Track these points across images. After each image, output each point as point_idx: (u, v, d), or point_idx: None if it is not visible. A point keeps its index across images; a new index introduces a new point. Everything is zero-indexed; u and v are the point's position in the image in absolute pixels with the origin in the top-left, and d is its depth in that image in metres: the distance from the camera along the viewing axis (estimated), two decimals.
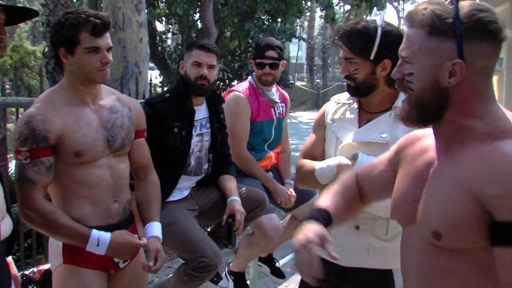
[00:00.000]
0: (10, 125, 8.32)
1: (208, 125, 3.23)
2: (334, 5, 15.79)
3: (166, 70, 11.47)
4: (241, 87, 3.63)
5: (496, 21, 1.28)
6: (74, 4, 11.95)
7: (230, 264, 3.78)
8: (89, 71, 2.25)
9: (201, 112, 3.20)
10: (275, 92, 3.75)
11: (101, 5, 13.75)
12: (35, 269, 2.50)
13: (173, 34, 12.16)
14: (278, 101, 3.74)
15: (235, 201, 3.09)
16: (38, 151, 2.17)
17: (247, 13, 11.18)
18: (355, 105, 2.33)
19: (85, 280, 2.31)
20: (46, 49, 12.28)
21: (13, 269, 2.16)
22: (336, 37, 2.25)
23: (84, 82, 2.30)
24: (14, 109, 4.31)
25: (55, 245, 2.36)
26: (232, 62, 12.32)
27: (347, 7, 23.64)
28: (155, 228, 2.51)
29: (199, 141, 3.18)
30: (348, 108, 2.35)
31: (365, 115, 2.28)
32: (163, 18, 11.97)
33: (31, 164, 2.16)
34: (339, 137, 2.31)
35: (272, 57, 3.57)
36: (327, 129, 2.39)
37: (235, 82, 11.63)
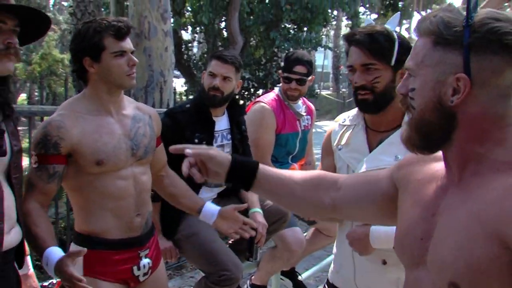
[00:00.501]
0: None
1: (229, 136, 3.20)
2: (360, 14, 15.71)
3: (192, 79, 11.52)
4: (267, 98, 3.60)
5: None
6: (101, 13, 12.11)
7: (252, 277, 3.73)
8: (117, 76, 2.24)
9: (222, 123, 3.18)
10: (301, 104, 3.71)
11: (127, 14, 13.97)
12: (54, 281, 2.48)
13: (199, 42, 12.21)
14: (304, 114, 3.70)
15: (257, 213, 3.05)
16: (46, 157, 2.16)
17: (272, 22, 11.17)
18: (361, 126, 2.10)
19: None
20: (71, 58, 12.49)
21: (34, 282, 2.15)
22: (353, 41, 1.97)
23: (110, 90, 2.28)
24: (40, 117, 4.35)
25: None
26: (257, 71, 12.31)
27: (374, 16, 23.55)
28: (214, 205, 2.63)
29: None
30: (354, 130, 2.12)
31: (374, 136, 2.05)
32: (189, 26, 12.02)
33: (37, 169, 2.17)
34: (350, 164, 2.09)
35: (300, 73, 3.51)
36: (336, 156, 2.17)
37: (260, 91, 11.63)
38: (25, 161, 2.18)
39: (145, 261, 2.38)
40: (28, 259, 2.10)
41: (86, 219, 2.29)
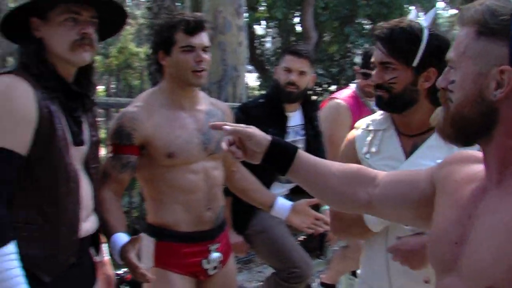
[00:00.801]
0: None
1: (303, 132, 3.17)
2: (439, 9, 15.26)
3: (264, 74, 11.57)
4: (342, 95, 3.52)
5: None
6: (177, 8, 12.35)
7: (322, 276, 3.70)
8: (183, 72, 2.25)
9: (295, 118, 3.16)
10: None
11: (202, 8, 14.17)
12: (127, 269, 2.55)
13: (273, 37, 12.24)
14: (377, 110, 3.59)
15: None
16: (120, 147, 2.22)
17: (347, 17, 11.03)
18: (392, 131, 1.90)
19: (174, 285, 2.32)
20: (150, 51, 12.81)
21: (109, 269, 2.20)
22: (374, 36, 1.84)
23: (181, 85, 2.30)
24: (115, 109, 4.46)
25: (147, 248, 2.37)
26: (331, 66, 12.19)
27: (452, 11, 22.79)
28: (286, 200, 2.61)
29: None
30: (384, 136, 1.91)
31: (407, 141, 1.86)
32: (262, 21, 12.07)
33: (112, 158, 2.23)
34: None
35: None
36: (365, 165, 1.87)
37: (333, 87, 11.51)
38: (102, 152, 2.22)
39: (215, 255, 2.38)
40: (104, 246, 2.15)
41: (157, 211, 2.33)
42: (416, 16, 1.83)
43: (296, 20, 12.36)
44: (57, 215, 1.76)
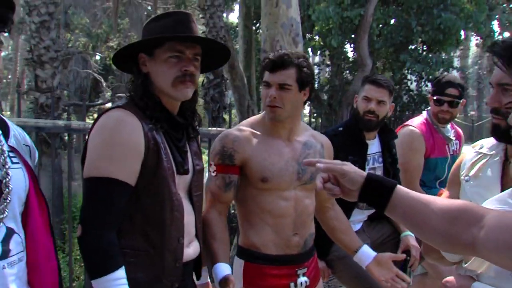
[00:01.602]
0: None
1: (381, 159, 3.22)
2: (495, 32, 15.03)
3: (318, 101, 11.63)
4: (415, 122, 3.58)
5: None
6: (231, 37, 12.60)
7: None
8: (263, 105, 2.37)
9: (374, 146, 3.22)
10: (450, 129, 3.65)
11: (254, 38, 14.39)
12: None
13: (327, 66, 12.31)
14: (453, 138, 3.63)
15: (410, 236, 3.04)
16: (223, 167, 2.33)
17: (402, 43, 11.01)
18: (498, 158, 1.72)
19: None
20: (205, 81, 13.10)
21: None
22: (493, 52, 1.56)
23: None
24: None
25: (238, 268, 2.46)
26: None
27: (507, 34, 22.39)
28: (370, 249, 2.58)
29: None
30: (489, 162, 1.75)
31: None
32: (318, 50, 12.15)
33: (215, 178, 2.35)
34: (473, 201, 1.60)
35: (452, 95, 3.46)
36: (462, 188, 1.84)
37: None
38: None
39: (303, 279, 2.44)
40: (205, 270, 2.24)
41: (247, 232, 2.42)
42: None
43: (348, 47, 12.41)
44: (162, 242, 1.85)
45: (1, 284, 1.54)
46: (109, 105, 17.02)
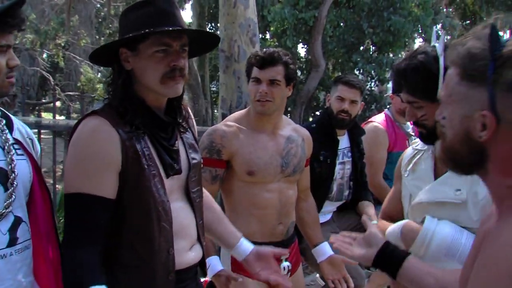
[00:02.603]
0: None
1: (350, 154, 3.43)
2: (440, 36, 15.56)
3: None
4: (378, 119, 3.82)
5: None
6: None
7: None
8: (251, 99, 2.50)
9: (344, 141, 3.42)
10: (409, 125, 3.89)
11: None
12: (201, 279, 2.74)
13: None
14: (413, 134, 3.87)
15: (375, 225, 3.24)
16: (210, 161, 2.45)
17: (354, 45, 11.33)
18: (430, 153, 1.90)
19: None
20: None
21: None
22: (396, 73, 1.84)
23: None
24: None
25: (225, 255, 2.61)
26: None
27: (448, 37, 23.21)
28: (330, 248, 2.72)
29: (341, 169, 3.38)
30: (423, 156, 1.93)
31: (443, 166, 1.83)
32: None
33: (203, 170, 2.38)
34: (412, 194, 1.91)
35: None
36: (402, 183, 2.01)
37: None
38: None
39: (285, 264, 2.60)
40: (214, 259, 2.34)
41: (235, 222, 2.52)
42: (436, 38, 1.82)
43: (300, 47, 12.64)
44: (151, 255, 1.72)
45: (9, 271, 1.56)
46: (57, 103, 16.71)
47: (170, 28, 1.67)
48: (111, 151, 1.64)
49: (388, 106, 4.00)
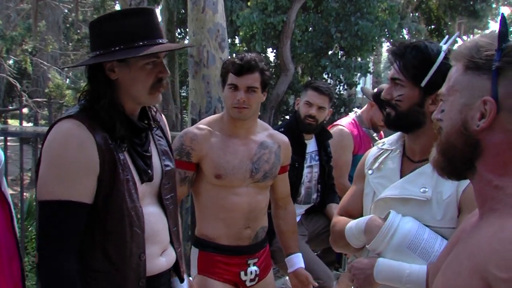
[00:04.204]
0: None
1: (317, 157, 3.48)
2: (406, 40, 15.88)
3: None
4: (344, 122, 3.88)
5: None
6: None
7: None
8: (228, 105, 2.49)
9: (311, 145, 3.47)
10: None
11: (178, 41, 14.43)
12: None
13: None
14: (377, 139, 3.94)
15: None
16: (180, 163, 2.45)
17: (322, 49, 11.44)
18: (398, 152, 1.93)
19: None
20: None
21: None
22: (389, 51, 1.85)
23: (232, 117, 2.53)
24: None
25: (193, 256, 2.62)
26: None
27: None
28: (301, 259, 2.79)
29: (309, 172, 3.43)
30: (390, 156, 1.94)
31: (409, 165, 1.88)
32: None
33: None
34: (376, 191, 1.92)
35: None
36: (366, 181, 2.00)
37: None
38: None
39: (253, 268, 2.61)
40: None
41: (202, 223, 2.59)
42: (446, 41, 1.82)
43: (269, 51, 12.69)
44: (123, 260, 1.72)
45: None
46: (25, 110, 16.42)
47: (165, 44, 1.73)
48: (89, 154, 1.63)
49: (354, 110, 4.05)
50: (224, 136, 2.54)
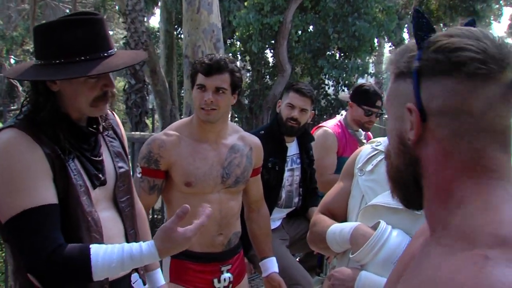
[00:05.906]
0: None
1: (299, 160, 3.42)
2: (405, 40, 15.86)
3: (239, 105, 11.81)
4: (329, 124, 3.82)
5: (469, 48, 0.81)
6: (152, 43, 12.58)
7: None
8: (196, 107, 2.43)
9: (293, 148, 3.40)
10: (362, 132, 3.90)
11: (176, 43, 14.42)
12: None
13: (248, 71, 12.52)
14: (365, 141, 3.89)
15: None
16: (148, 170, 2.42)
17: (319, 50, 11.39)
18: None
19: None
20: (126, 86, 13.00)
21: None
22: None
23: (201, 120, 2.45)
24: None
25: (166, 264, 2.56)
26: None
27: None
28: (275, 264, 2.75)
29: (290, 175, 3.37)
30: (384, 158, 1.84)
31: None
32: (238, 55, 12.34)
33: (141, 179, 2.44)
34: (365, 195, 1.84)
35: (380, 107, 3.69)
36: (354, 180, 1.92)
37: None
38: None
39: (226, 275, 2.56)
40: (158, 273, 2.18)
41: None
42: None
43: (268, 52, 12.66)
44: None
45: None
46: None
47: (111, 56, 1.67)
48: (37, 159, 1.59)
49: (341, 113, 4.01)
50: (193, 141, 2.48)
